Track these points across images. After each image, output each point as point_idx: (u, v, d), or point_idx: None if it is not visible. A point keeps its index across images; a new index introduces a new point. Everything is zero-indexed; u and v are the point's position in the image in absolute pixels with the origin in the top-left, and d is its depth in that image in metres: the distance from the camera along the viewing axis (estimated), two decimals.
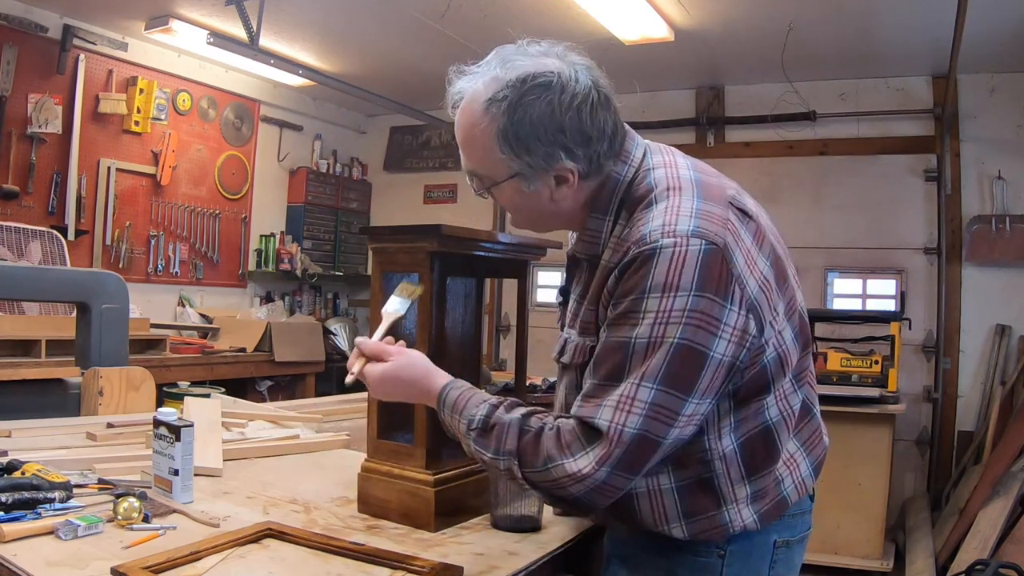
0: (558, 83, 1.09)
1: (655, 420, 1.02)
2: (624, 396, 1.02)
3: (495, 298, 5.87)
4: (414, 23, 4.27)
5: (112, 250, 4.66)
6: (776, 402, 1.14)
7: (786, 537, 1.20)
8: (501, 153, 1.11)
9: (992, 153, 4.55)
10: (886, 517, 3.95)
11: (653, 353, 1.02)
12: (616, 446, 1.01)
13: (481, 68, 1.15)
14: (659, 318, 1.02)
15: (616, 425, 1.02)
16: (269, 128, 5.77)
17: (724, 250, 1.04)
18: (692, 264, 1.02)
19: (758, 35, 4.22)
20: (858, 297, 4.98)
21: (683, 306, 1.02)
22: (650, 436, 1.02)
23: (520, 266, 1.56)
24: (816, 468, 1.23)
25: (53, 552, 1.10)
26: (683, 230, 1.04)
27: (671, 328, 1.02)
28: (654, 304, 1.02)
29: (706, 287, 1.02)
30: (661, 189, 1.12)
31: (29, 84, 4.19)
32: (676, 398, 1.02)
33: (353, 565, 1.13)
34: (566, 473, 1.02)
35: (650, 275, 1.03)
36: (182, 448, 1.36)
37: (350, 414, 2.40)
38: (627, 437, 1.01)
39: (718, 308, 1.03)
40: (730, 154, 5.13)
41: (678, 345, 1.02)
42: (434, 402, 1.17)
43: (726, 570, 1.15)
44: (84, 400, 2.24)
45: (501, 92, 1.09)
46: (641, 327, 1.03)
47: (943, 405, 4.59)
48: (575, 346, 1.19)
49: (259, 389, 4.90)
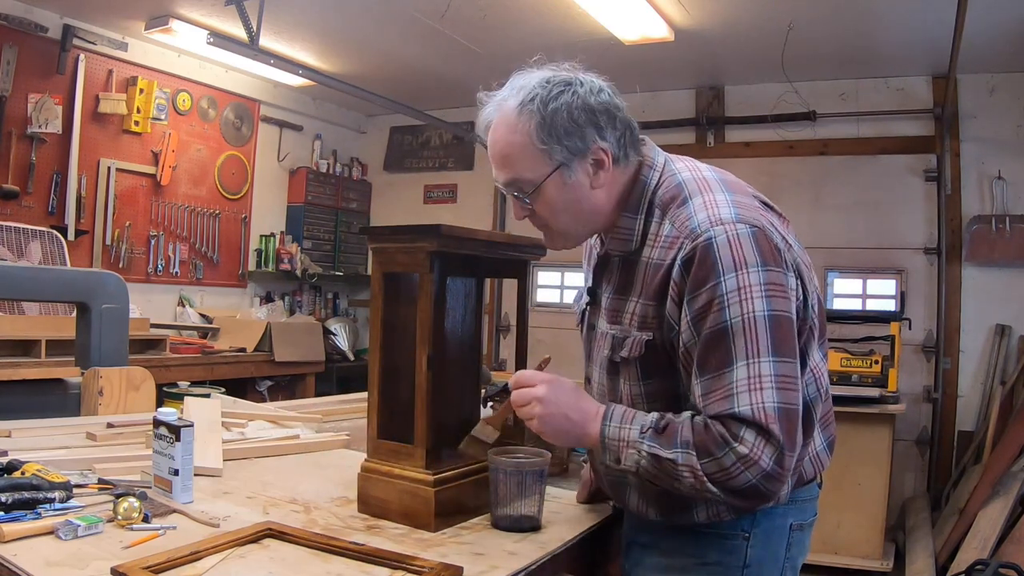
0: (576, 80, 1.23)
1: (786, 390, 1.09)
2: (750, 377, 1.09)
3: (495, 298, 5.87)
4: (414, 23, 4.27)
5: (112, 250, 4.66)
6: (814, 379, 1.23)
7: (800, 521, 1.28)
8: (542, 145, 1.20)
9: (992, 153, 4.55)
10: (886, 517, 3.95)
11: (754, 329, 1.10)
12: (769, 423, 1.07)
13: (503, 91, 1.26)
14: (743, 295, 1.10)
15: (757, 405, 1.08)
16: (269, 128, 5.77)
17: (764, 229, 1.15)
18: (748, 243, 1.13)
19: (758, 35, 4.22)
20: (858, 297, 4.98)
21: (758, 280, 1.11)
22: (789, 407, 1.09)
23: (520, 266, 1.56)
24: (829, 445, 1.32)
25: (53, 552, 1.10)
26: (727, 217, 1.15)
27: (757, 302, 1.10)
28: (732, 284, 1.11)
29: (768, 260, 1.13)
30: (692, 188, 1.22)
31: (29, 84, 4.19)
32: (789, 363, 1.11)
33: (353, 565, 1.12)
34: (740, 455, 1.07)
35: (718, 261, 1.12)
36: (182, 448, 1.36)
37: (350, 414, 2.40)
38: (772, 412, 1.07)
39: (781, 276, 1.13)
40: (730, 154, 5.13)
41: (771, 316, 1.10)
42: (597, 417, 1.20)
43: (750, 551, 1.23)
44: (84, 400, 2.24)
45: (530, 95, 1.21)
46: (730, 309, 1.10)
47: (943, 405, 4.59)
48: (633, 341, 1.23)
49: (259, 389, 4.91)
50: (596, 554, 1.40)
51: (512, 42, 4.34)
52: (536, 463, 1.32)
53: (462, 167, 6.23)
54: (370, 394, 1.39)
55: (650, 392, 1.24)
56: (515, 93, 1.23)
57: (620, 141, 1.24)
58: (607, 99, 1.23)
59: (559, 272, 5.87)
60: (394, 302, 1.40)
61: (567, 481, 1.66)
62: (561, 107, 1.19)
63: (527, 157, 1.21)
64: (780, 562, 1.26)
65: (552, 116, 1.19)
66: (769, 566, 1.25)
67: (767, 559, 1.25)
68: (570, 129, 1.20)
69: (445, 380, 1.37)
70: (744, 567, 1.23)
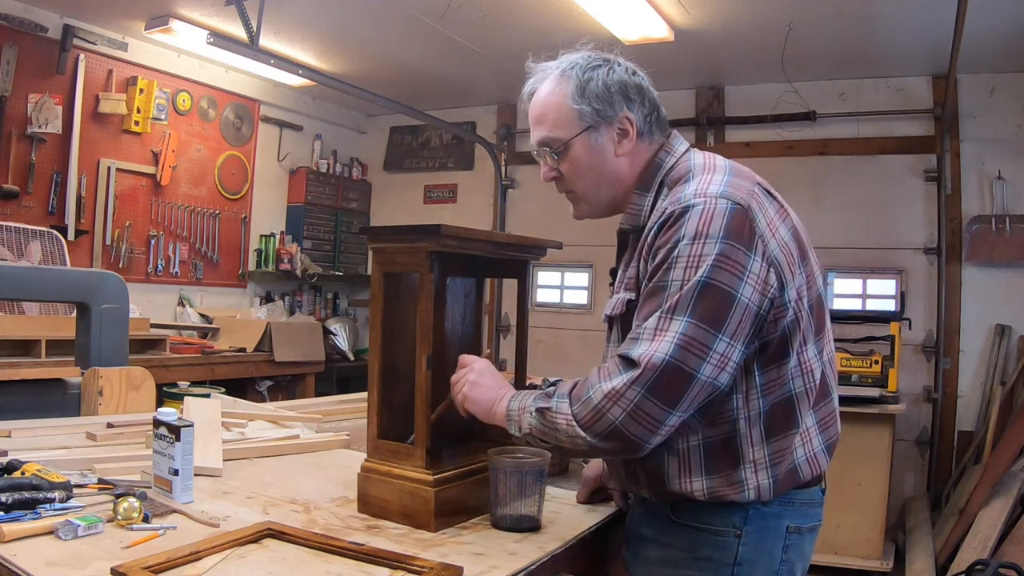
0: (616, 60, 1.35)
1: (686, 350, 1.11)
2: (656, 328, 1.14)
3: (495, 298, 5.87)
4: (414, 23, 4.27)
5: (112, 250, 4.66)
6: (801, 373, 1.24)
7: (798, 524, 1.27)
8: (575, 105, 1.30)
9: (992, 153, 4.55)
10: (886, 517, 3.95)
11: (682, 290, 1.14)
12: (647, 369, 1.11)
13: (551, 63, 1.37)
14: (690, 261, 1.14)
15: (647, 352, 1.12)
16: (269, 128, 5.77)
17: (748, 211, 1.18)
18: (720, 218, 1.16)
19: (758, 35, 4.22)
20: (858, 297, 4.98)
21: (711, 251, 1.14)
22: (683, 367, 1.11)
23: (520, 266, 1.56)
24: (829, 447, 1.31)
25: (53, 552, 1.10)
26: (713, 192, 1.20)
27: (700, 269, 1.13)
28: (685, 250, 1.15)
29: (731, 236, 1.15)
30: (698, 169, 1.29)
31: (29, 84, 4.19)
32: (706, 332, 1.12)
33: (353, 565, 1.12)
34: (603, 393, 1.13)
35: (683, 227, 1.17)
36: (182, 448, 1.36)
37: (350, 414, 2.40)
38: (657, 361, 1.11)
39: (742, 255, 1.15)
40: (730, 154, 5.00)
41: (705, 282, 1.13)
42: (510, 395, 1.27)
43: (741, 548, 1.23)
44: (84, 400, 2.24)
45: (571, 64, 1.33)
46: (675, 271, 1.15)
47: (943, 405, 4.59)
48: (616, 300, 1.31)
49: (259, 389, 4.91)
50: (596, 554, 1.40)
51: (512, 42, 4.34)
52: (536, 463, 1.32)
53: (462, 167, 6.23)
54: (370, 394, 1.39)
55: None
56: (559, 64, 1.35)
57: (647, 118, 1.34)
58: (640, 80, 1.34)
59: (559, 272, 5.87)
60: (394, 302, 1.40)
61: (567, 481, 1.66)
62: (597, 76, 1.31)
63: (561, 116, 1.32)
64: (776, 564, 1.25)
65: (587, 82, 1.30)
66: (762, 567, 1.24)
67: (761, 559, 1.24)
68: (602, 95, 1.30)
69: (445, 380, 1.37)
70: (735, 564, 1.23)
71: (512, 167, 5.92)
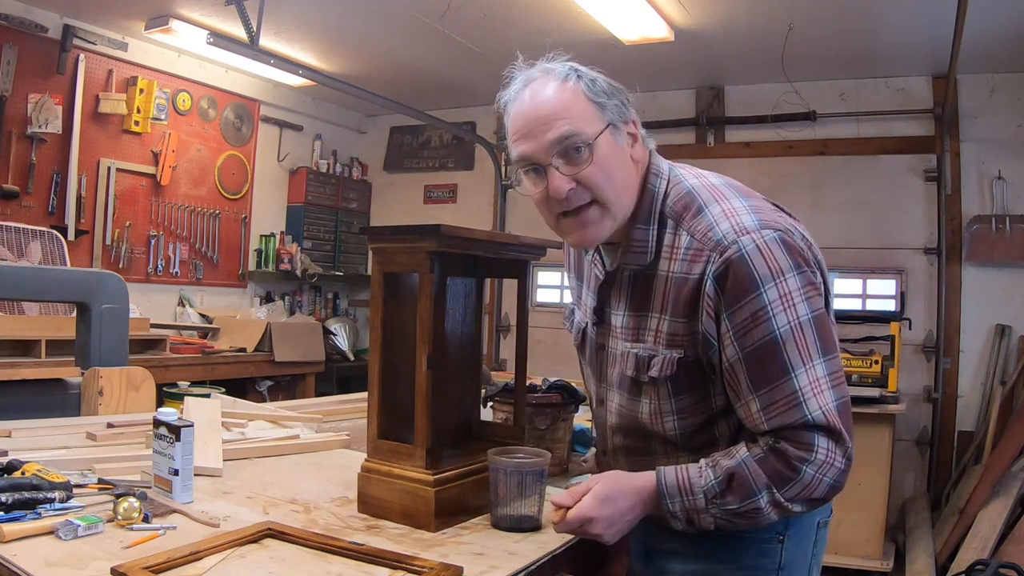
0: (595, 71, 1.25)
1: (839, 385, 1.14)
2: (810, 383, 1.11)
3: (495, 298, 5.87)
4: (414, 23, 4.27)
5: (112, 250, 4.66)
6: None
7: (825, 518, 1.31)
8: (594, 99, 1.19)
9: (992, 153, 4.55)
10: (886, 517, 3.95)
11: (802, 334, 1.11)
12: (836, 423, 1.11)
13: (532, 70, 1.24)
14: (785, 303, 1.11)
15: (825, 407, 1.11)
16: (269, 128, 5.77)
17: (788, 232, 1.15)
18: (779, 249, 1.13)
19: (758, 35, 4.22)
20: (858, 297, 4.98)
21: (796, 285, 1.12)
22: (844, 400, 1.14)
23: (520, 266, 1.56)
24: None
25: (53, 552, 1.10)
26: (751, 225, 1.14)
27: (800, 307, 1.12)
28: (773, 293, 1.11)
29: (799, 263, 1.13)
30: (704, 196, 1.21)
31: (29, 84, 4.19)
32: (836, 359, 1.15)
33: (353, 565, 1.12)
34: (819, 464, 1.11)
35: (753, 271, 1.11)
36: (182, 448, 1.36)
37: (350, 414, 2.40)
38: (836, 410, 1.11)
39: (812, 275, 1.15)
40: (730, 154, 5.13)
41: (815, 318, 1.12)
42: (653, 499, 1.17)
43: (784, 553, 1.23)
44: (84, 400, 2.24)
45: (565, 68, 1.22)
46: (776, 319, 1.11)
47: (943, 405, 4.59)
48: (663, 360, 1.20)
49: (259, 389, 4.90)
50: (596, 554, 1.40)
51: (512, 42, 4.30)
52: (536, 463, 1.31)
53: (462, 167, 6.23)
54: (370, 394, 1.39)
55: (681, 408, 1.23)
56: (549, 67, 1.22)
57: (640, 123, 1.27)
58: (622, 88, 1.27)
59: (559, 272, 5.87)
60: (394, 302, 1.40)
61: (567, 481, 1.66)
62: (599, 77, 1.22)
63: (582, 110, 1.18)
64: (808, 560, 1.28)
65: (593, 81, 1.21)
66: (799, 565, 1.26)
67: (798, 559, 1.26)
68: (612, 93, 1.21)
69: (445, 380, 1.37)
70: (779, 569, 1.23)
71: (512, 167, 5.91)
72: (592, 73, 1.22)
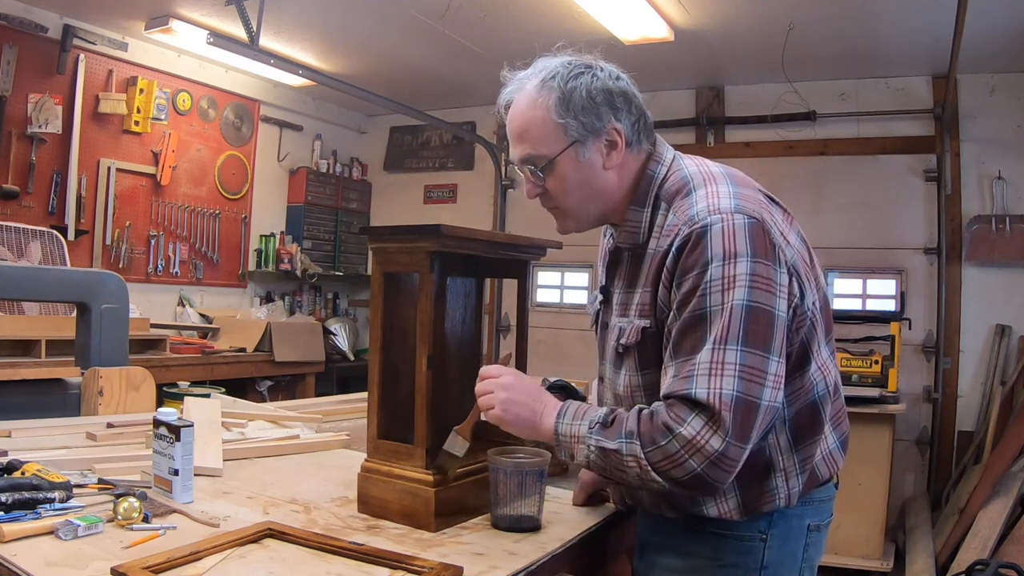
0: (597, 65, 1.27)
1: (748, 382, 1.08)
2: (712, 362, 1.09)
3: (495, 298, 5.87)
4: (414, 23, 4.27)
5: (112, 250, 4.66)
6: (823, 377, 1.24)
7: (817, 521, 1.29)
8: (559, 119, 1.22)
9: (992, 153, 4.55)
10: (886, 517, 3.95)
11: (728, 317, 1.09)
12: (722, 410, 1.06)
13: (527, 71, 1.29)
14: (725, 284, 1.10)
15: (713, 390, 1.07)
16: (269, 128, 5.77)
17: (763, 223, 1.15)
18: (742, 234, 1.12)
19: (758, 35, 4.22)
20: (858, 297, 4.97)
21: (744, 271, 1.10)
22: (750, 399, 1.08)
23: (520, 266, 1.56)
24: (842, 443, 1.31)
25: (53, 552, 1.10)
26: (726, 207, 1.15)
27: (738, 292, 1.10)
28: (718, 272, 1.11)
29: (758, 253, 1.12)
30: (697, 181, 1.23)
31: (29, 84, 4.19)
32: (760, 356, 1.10)
33: (353, 565, 1.12)
34: (684, 441, 1.07)
35: (708, 248, 1.12)
36: (182, 448, 1.36)
37: (350, 414, 2.40)
38: (727, 400, 1.07)
39: (770, 270, 1.13)
40: (730, 154, 5.13)
41: (748, 306, 1.10)
42: (554, 412, 1.22)
43: (767, 552, 1.23)
44: (84, 400, 2.24)
45: (551, 73, 1.24)
46: (711, 296, 1.11)
47: (943, 405, 4.59)
48: (631, 327, 1.25)
49: (259, 389, 4.90)
50: (596, 554, 1.40)
51: (512, 42, 4.34)
52: (536, 463, 1.32)
53: (462, 167, 6.23)
54: (370, 394, 1.39)
55: (647, 383, 1.25)
56: (537, 72, 1.26)
57: (635, 126, 1.27)
58: (625, 86, 1.27)
59: (559, 272, 5.87)
60: (394, 302, 1.40)
61: (567, 481, 1.66)
62: (580, 86, 1.22)
63: (544, 132, 1.24)
64: (798, 563, 1.26)
65: (571, 93, 1.22)
66: (787, 567, 1.25)
67: (785, 560, 1.25)
68: (588, 107, 1.22)
69: (445, 380, 1.37)
70: (762, 568, 1.23)
71: (512, 167, 5.92)
72: (577, 81, 1.23)
